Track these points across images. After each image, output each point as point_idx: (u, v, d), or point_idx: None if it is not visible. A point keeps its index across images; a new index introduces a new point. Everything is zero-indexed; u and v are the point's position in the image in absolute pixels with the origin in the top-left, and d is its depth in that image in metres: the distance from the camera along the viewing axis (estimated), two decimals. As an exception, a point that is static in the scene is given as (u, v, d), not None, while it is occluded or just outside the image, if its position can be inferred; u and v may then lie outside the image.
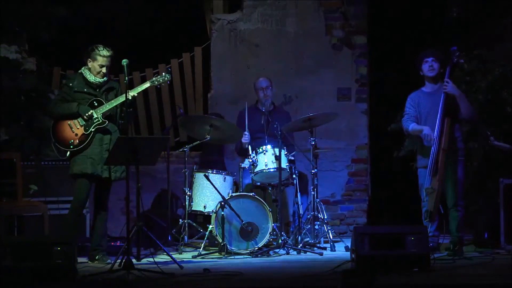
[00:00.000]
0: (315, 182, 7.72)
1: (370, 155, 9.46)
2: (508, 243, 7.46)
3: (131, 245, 6.37)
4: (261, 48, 9.39)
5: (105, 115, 6.90)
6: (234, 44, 9.40)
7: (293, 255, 7.34)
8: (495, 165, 8.04)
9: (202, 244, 7.39)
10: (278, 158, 7.50)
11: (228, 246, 7.26)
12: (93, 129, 6.87)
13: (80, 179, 6.87)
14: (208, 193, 7.73)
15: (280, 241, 7.39)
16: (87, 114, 6.85)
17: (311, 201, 7.75)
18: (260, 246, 7.33)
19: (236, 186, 7.92)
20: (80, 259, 6.64)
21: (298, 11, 9.40)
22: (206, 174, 7.70)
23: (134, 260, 6.31)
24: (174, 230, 7.89)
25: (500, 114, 8.20)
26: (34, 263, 5.79)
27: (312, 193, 7.71)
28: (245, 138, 7.96)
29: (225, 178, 7.79)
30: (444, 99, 7.04)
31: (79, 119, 6.88)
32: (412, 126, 7.24)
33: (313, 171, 7.74)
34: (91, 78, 6.95)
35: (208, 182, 7.62)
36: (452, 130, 7.08)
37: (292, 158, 7.88)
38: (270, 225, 7.34)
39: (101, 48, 6.91)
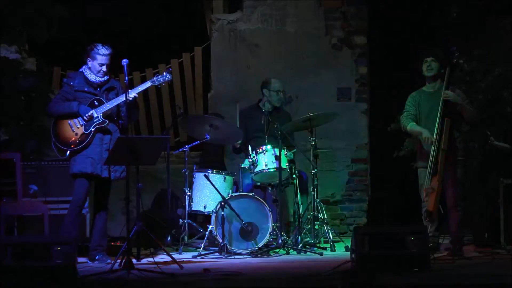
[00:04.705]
0: (315, 182, 7.71)
1: (370, 155, 9.46)
2: (508, 243, 7.47)
3: (131, 245, 6.37)
4: (261, 48, 9.39)
5: (106, 115, 6.90)
6: (234, 44, 9.40)
7: (293, 255, 7.34)
8: (495, 165, 8.03)
9: (202, 244, 7.39)
10: (278, 158, 7.50)
11: (228, 246, 7.26)
12: (93, 129, 6.87)
13: (80, 179, 6.87)
14: (208, 193, 7.72)
15: (280, 241, 7.39)
16: (87, 115, 6.85)
17: (311, 201, 7.75)
18: (260, 246, 7.32)
19: (236, 186, 7.92)
20: (80, 259, 6.64)
21: (298, 11, 9.40)
22: (206, 174, 7.69)
23: (134, 260, 6.31)
24: (174, 230, 7.89)
25: (500, 114, 8.19)
26: (34, 263, 5.79)
27: (312, 193, 7.71)
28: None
29: (225, 178, 7.78)
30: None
31: (79, 119, 6.88)
32: (411, 126, 7.23)
33: (313, 171, 7.74)
34: (91, 77, 6.95)
35: (208, 182, 7.61)
36: (452, 130, 7.07)
37: (292, 156, 7.88)
38: (270, 225, 7.34)
39: (100, 46, 6.92)
